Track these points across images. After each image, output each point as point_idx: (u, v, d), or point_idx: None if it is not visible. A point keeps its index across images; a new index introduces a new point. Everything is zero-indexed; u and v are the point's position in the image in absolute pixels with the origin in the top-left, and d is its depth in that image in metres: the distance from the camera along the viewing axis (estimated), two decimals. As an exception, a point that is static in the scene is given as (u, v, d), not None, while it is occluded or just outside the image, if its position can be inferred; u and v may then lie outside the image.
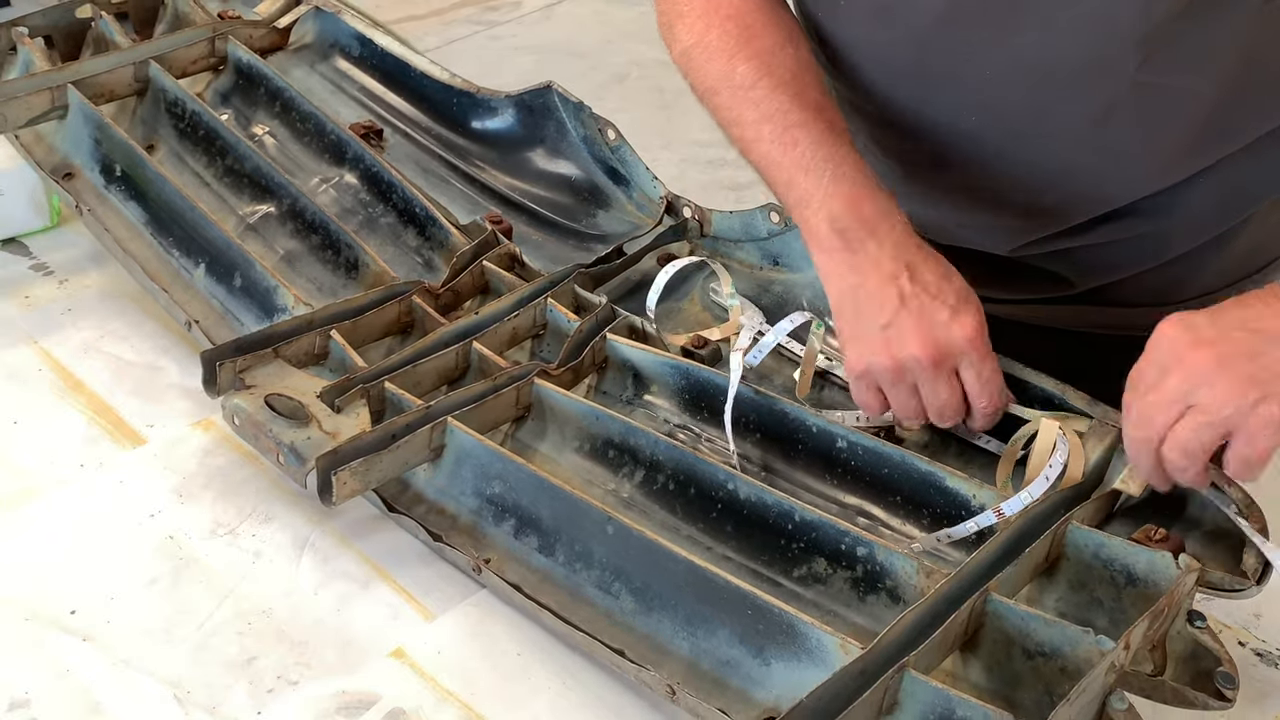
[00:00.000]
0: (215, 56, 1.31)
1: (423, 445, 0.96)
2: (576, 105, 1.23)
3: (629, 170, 1.21)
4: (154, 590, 0.94)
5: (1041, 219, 1.08)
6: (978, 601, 0.81)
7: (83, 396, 1.10)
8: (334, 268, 1.16)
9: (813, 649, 0.82)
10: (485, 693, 0.88)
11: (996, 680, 0.82)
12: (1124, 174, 1.02)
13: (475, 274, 1.13)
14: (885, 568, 0.88)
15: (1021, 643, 0.81)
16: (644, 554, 0.89)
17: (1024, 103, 1.00)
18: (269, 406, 0.98)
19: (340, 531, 0.99)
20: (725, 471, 0.94)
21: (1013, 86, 0.99)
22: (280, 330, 1.03)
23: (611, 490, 0.99)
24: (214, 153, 1.23)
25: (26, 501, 1.00)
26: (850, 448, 0.97)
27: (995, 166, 1.05)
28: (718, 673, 0.85)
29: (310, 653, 0.90)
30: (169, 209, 1.16)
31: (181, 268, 1.15)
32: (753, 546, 0.93)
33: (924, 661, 0.78)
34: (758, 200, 1.12)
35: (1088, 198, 1.06)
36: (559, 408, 1.01)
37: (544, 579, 0.93)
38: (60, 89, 1.21)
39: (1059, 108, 0.99)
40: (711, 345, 1.08)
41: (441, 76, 1.30)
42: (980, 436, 0.98)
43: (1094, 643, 0.78)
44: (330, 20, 1.36)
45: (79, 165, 1.21)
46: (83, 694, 0.86)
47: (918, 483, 0.94)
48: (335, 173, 1.24)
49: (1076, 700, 0.74)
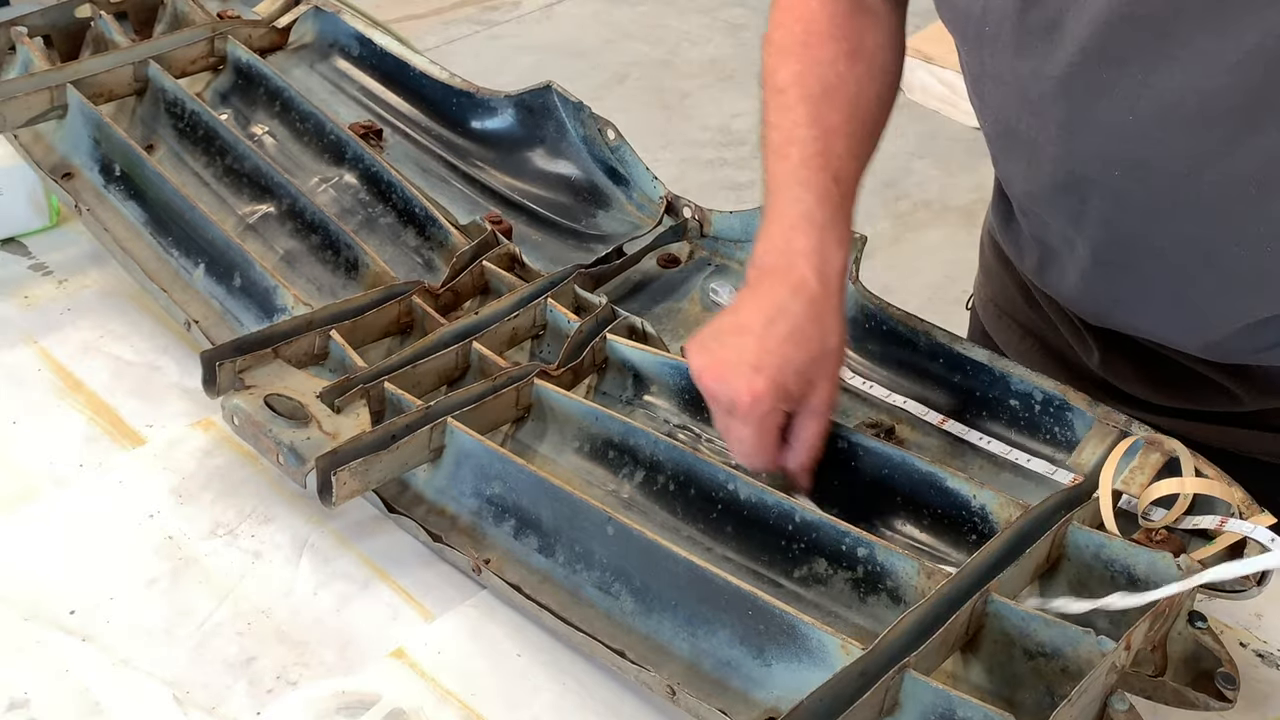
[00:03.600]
0: (215, 56, 1.31)
1: (422, 446, 0.96)
2: (576, 105, 1.23)
3: (629, 170, 1.21)
4: (153, 590, 0.94)
5: (1199, 312, 0.98)
6: (978, 602, 0.81)
7: (82, 396, 1.10)
8: (334, 268, 1.16)
9: (813, 650, 0.82)
10: (485, 693, 0.88)
11: (997, 681, 0.81)
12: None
13: (475, 274, 1.13)
14: (886, 568, 0.88)
15: (1022, 643, 0.81)
16: (644, 555, 0.89)
17: (1171, 155, 0.88)
18: (269, 407, 0.97)
19: (340, 532, 0.99)
20: (726, 472, 0.94)
21: (1159, 135, 0.87)
22: (280, 330, 1.03)
23: (612, 491, 0.98)
24: (213, 152, 1.23)
25: (26, 501, 1.00)
26: (851, 448, 0.97)
27: (1146, 236, 0.95)
28: (718, 673, 0.85)
29: (310, 653, 0.90)
30: (168, 209, 1.16)
31: (181, 268, 1.15)
32: (753, 547, 0.93)
33: (925, 662, 0.78)
34: (758, 200, 1.11)
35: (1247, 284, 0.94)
36: (559, 408, 1.01)
37: (544, 579, 0.93)
38: (59, 88, 1.21)
39: (1213, 164, 0.87)
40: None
41: (441, 76, 1.30)
42: (977, 435, 0.99)
43: (1095, 643, 0.78)
44: (330, 20, 1.36)
45: (78, 165, 1.21)
46: (82, 694, 0.86)
47: (918, 483, 0.94)
48: (335, 172, 1.24)
49: (1077, 701, 0.74)
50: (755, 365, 0.91)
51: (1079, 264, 1.02)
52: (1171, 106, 0.85)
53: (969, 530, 0.92)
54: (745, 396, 0.90)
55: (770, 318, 0.92)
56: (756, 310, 0.94)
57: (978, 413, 1.02)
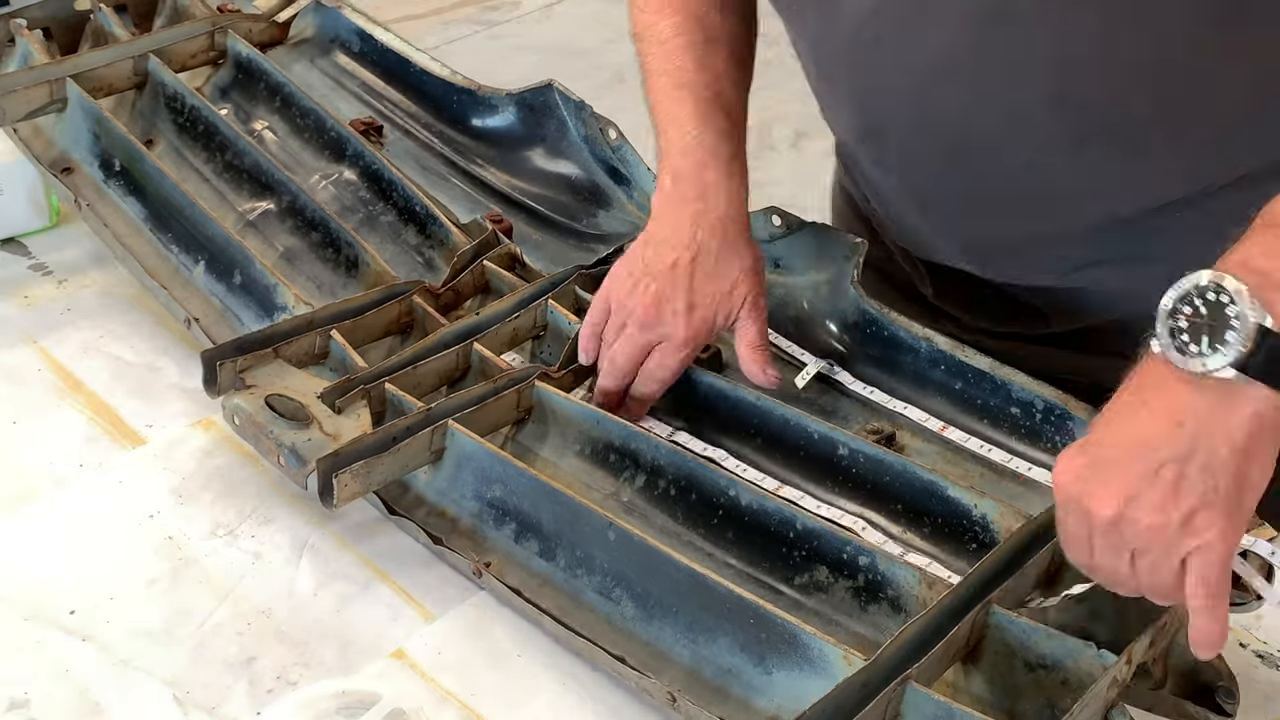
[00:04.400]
0: (215, 51, 1.31)
1: (423, 448, 0.96)
2: (577, 104, 1.22)
3: (630, 170, 1.21)
4: (153, 591, 0.94)
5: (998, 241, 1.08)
6: (980, 613, 0.81)
7: (82, 396, 1.10)
8: (334, 266, 1.15)
9: (814, 659, 0.82)
10: (485, 693, 0.88)
11: (998, 692, 0.82)
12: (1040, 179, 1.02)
13: (476, 274, 1.13)
14: (887, 577, 0.88)
15: (1023, 655, 0.81)
16: (645, 560, 0.89)
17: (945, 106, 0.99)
18: (269, 407, 0.97)
19: (340, 533, 0.99)
20: (727, 478, 0.94)
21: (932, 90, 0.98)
22: (280, 330, 1.03)
23: (612, 495, 0.98)
24: (213, 148, 1.23)
25: (26, 501, 1.00)
26: (851, 455, 0.97)
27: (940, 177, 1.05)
28: (719, 681, 0.85)
29: (310, 653, 0.90)
30: (168, 205, 1.16)
31: (181, 264, 1.14)
32: (754, 553, 0.93)
33: (926, 674, 0.78)
34: (758, 201, 1.12)
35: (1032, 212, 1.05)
36: (560, 410, 1.01)
37: (544, 583, 0.93)
38: (59, 82, 1.20)
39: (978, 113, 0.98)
40: (712, 350, 1.08)
41: (442, 73, 1.30)
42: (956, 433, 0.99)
43: (1096, 656, 0.78)
44: (330, 15, 1.36)
45: (78, 160, 1.21)
46: (82, 694, 0.86)
47: (919, 491, 0.94)
48: (335, 169, 1.24)
49: (1079, 715, 0.74)
50: (690, 305, 1.01)
51: (895, 203, 1.13)
52: (936, 64, 0.96)
53: (970, 539, 0.92)
54: (681, 333, 1.01)
55: (696, 248, 1.02)
56: (681, 246, 1.02)
57: (978, 420, 1.02)
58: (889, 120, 1.04)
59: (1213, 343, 0.70)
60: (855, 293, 1.08)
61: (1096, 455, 0.74)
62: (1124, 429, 0.74)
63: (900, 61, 0.98)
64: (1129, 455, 0.73)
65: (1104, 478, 0.73)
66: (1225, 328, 0.70)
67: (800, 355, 1.08)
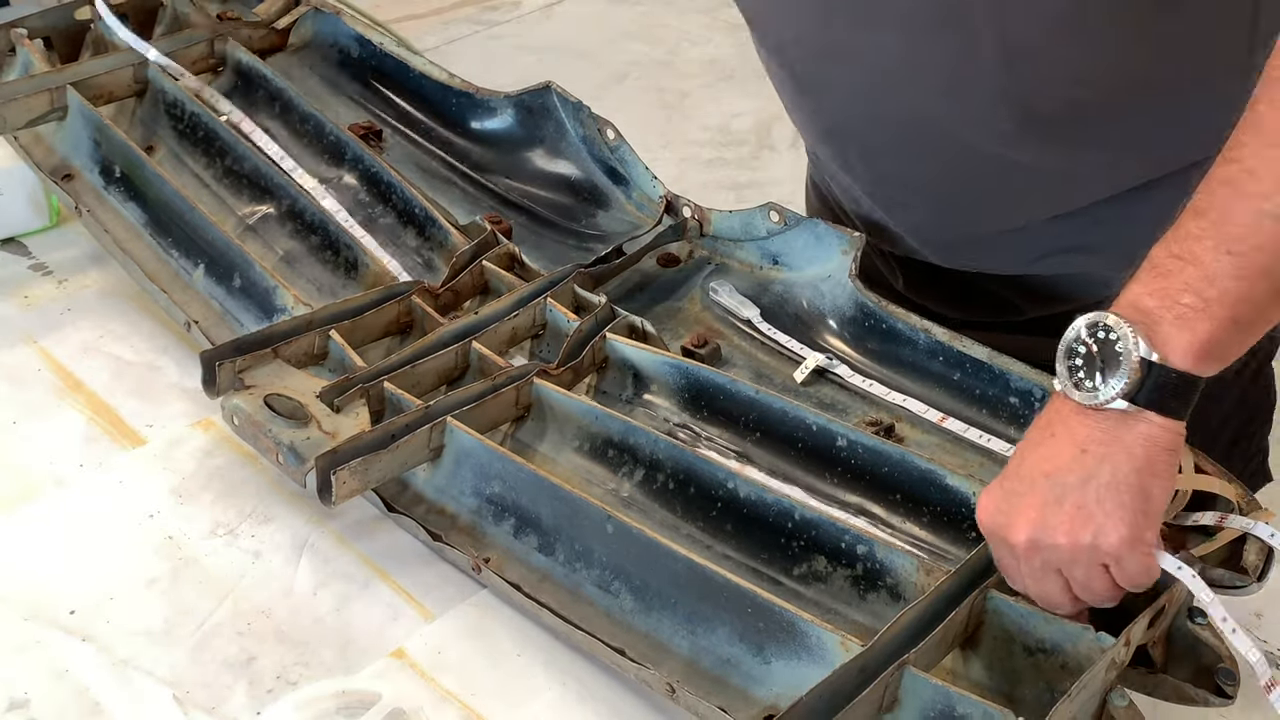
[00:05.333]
0: (215, 58, 1.31)
1: (422, 445, 0.96)
2: (576, 105, 1.23)
3: (628, 170, 1.21)
4: (153, 590, 0.94)
5: (964, 235, 1.11)
6: (978, 599, 0.81)
7: (82, 396, 1.10)
8: (333, 268, 1.16)
9: (813, 647, 0.82)
10: (485, 693, 0.88)
11: (997, 677, 0.82)
12: None
13: (475, 274, 1.13)
14: (885, 565, 0.88)
15: (1022, 639, 0.81)
16: (644, 553, 0.89)
17: (896, 108, 1.02)
18: (268, 407, 0.97)
19: (340, 532, 0.99)
20: (725, 470, 0.94)
21: (882, 94, 1.01)
22: (280, 330, 1.03)
23: (611, 489, 0.98)
24: (213, 153, 1.23)
25: (26, 501, 1.00)
26: (850, 446, 0.97)
27: (900, 174, 1.08)
28: (718, 671, 0.85)
29: (310, 653, 0.90)
30: (168, 210, 1.16)
31: (181, 268, 1.15)
32: (753, 545, 0.93)
33: (924, 659, 0.78)
34: (757, 200, 1.12)
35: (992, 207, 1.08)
36: (559, 407, 1.01)
37: (544, 578, 0.93)
38: (59, 90, 1.21)
39: (926, 118, 1.01)
40: (711, 345, 1.08)
41: (440, 77, 1.30)
42: None
43: (1094, 639, 0.78)
44: (329, 21, 1.36)
45: (78, 166, 1.21)
46: (82, 694, 0.86)
47: (917, 480, 0.94)
48: (335, 173, 1.24)
49: (1077, 697, 0.74)
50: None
51: (860, 200, 1.15)
52: (888, 67, 0.99)
53: (969, 527, 0.92)
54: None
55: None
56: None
57: (978, 410, 1.02)
58: (845, 121, 1.07)
59: (1105, 377, 0.77)
60: (853, 286, 1.07)
61: (1010, 488, 0.80)
62: (1033, 461, 0.80)
63: (853, 64, 1.01)
64: (1037, 485, 0.78)
65: (1018, 508, 0.79)
66: (1114, 363, 0.76)
67: (799, 350, 1.08)
